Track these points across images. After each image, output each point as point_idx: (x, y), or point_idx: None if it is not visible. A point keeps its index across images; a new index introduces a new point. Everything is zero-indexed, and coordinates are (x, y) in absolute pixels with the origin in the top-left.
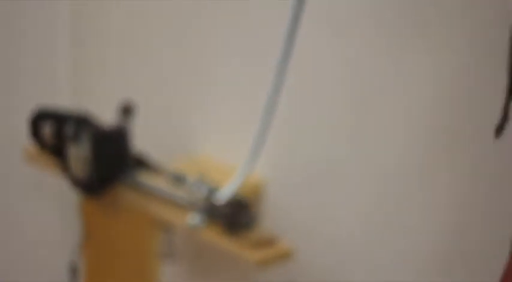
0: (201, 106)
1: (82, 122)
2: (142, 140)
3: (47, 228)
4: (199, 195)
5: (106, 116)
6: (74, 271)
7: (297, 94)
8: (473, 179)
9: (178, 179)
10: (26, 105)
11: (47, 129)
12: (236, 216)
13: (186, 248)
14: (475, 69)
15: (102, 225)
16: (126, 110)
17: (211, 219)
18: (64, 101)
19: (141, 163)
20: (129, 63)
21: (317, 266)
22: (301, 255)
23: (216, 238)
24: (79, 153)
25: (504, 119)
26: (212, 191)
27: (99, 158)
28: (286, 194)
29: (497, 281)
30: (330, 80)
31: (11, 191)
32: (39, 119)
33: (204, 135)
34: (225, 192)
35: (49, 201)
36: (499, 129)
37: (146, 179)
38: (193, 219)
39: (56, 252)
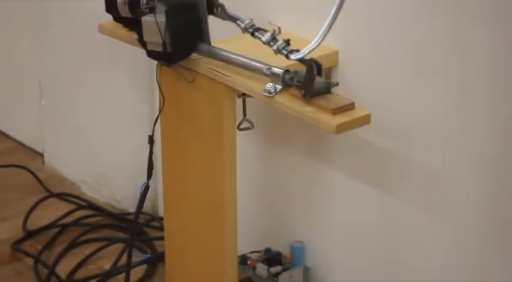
0: None
1: None
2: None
3: (123, 100)
4: (274, 48)
5: None
6: (151, 141)
7: None
8: None
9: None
10: None
11: (123, 2)
12: (312, 79)
13: (261, 116)
14: None
15: (178, 94)
16: None
17: (288, 86)
18: None
19: None
20: None
21: (385, 132)
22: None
23: (294, 105)
24: (155, 23)
25: None
26: (287, 44)
27: (174, 27)
28: (358, 65)
29: None
30: None
31: (89, 65)
32: None
33: (284, 13)
34: (302, 51)
35: (125, 73)
36: None
37: (222, 47)
38: (270, 86)
39: (133, 124)
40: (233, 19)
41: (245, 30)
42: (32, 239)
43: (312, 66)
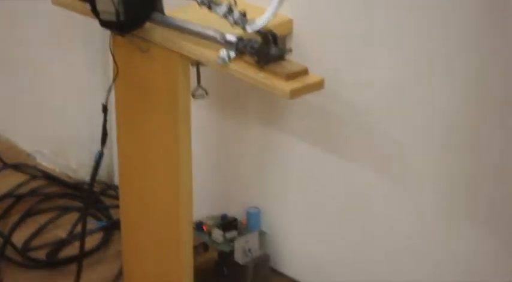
0: None
1: None
2: None
3: (76, 70)
4: (231, 20)
5: None
6: (105, 110)
7: None
8: None
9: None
10: None
11: None
12: (268, 48)
13: (216, 84)
14: None
15: (133, 63)
16: None
17: (242, 54)
18: None
19: None
20: None
21: (342, 99)
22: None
23: (248, 71)
24: None
25: None
26: (243, 16)
27: None
28: (312, 33)
29: None
30: None
31: (42, 37)
32: None
33: None
34: (258, 22)
35: (78, 44)
36: None
37: (176, 16)
38: (224, 53)
39: (86, 93)
40: None
41: (201, 3)
42: None
43: (268, 37)
